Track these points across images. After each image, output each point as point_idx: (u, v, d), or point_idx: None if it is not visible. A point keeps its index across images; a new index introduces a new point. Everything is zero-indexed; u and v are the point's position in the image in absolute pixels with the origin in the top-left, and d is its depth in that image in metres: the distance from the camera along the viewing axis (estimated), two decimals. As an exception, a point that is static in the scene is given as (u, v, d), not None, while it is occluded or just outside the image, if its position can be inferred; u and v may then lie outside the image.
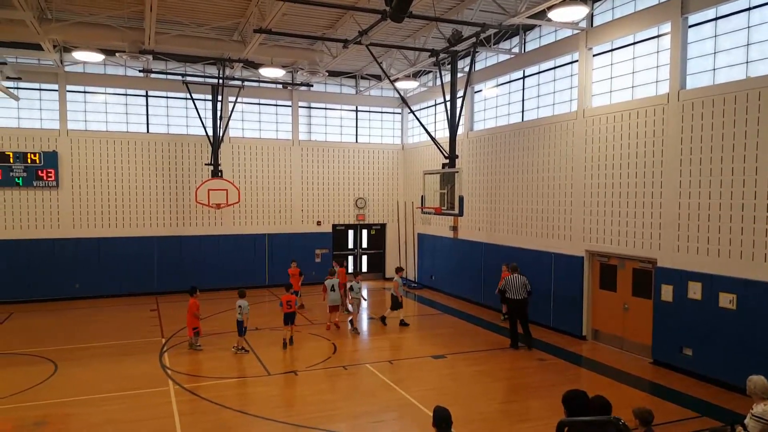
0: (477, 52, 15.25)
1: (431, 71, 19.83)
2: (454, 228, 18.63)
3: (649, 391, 9.97)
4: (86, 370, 10.98)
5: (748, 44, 9.80)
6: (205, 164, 18.82)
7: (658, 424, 5.70)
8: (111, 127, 18.60)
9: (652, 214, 11.43)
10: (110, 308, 16.78)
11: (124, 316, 15.75)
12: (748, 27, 9.77)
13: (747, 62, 9.82)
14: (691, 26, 10.78)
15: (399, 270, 15.59)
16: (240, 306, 12.03)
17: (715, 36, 10.36)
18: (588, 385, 9.56)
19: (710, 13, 10.41)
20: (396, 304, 14.68)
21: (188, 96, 18.32)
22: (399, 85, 17.49)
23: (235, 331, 12.40)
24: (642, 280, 11.87)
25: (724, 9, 10.16)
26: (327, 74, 18.28)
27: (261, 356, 11.91)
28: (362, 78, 21.28)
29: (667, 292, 11.01)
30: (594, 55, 13.07)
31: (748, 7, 9.76)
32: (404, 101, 16.31)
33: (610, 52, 12.70)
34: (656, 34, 11.53)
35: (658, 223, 11.30)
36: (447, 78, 14.49)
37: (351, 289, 14.69)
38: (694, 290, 10.44)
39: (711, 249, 10.24)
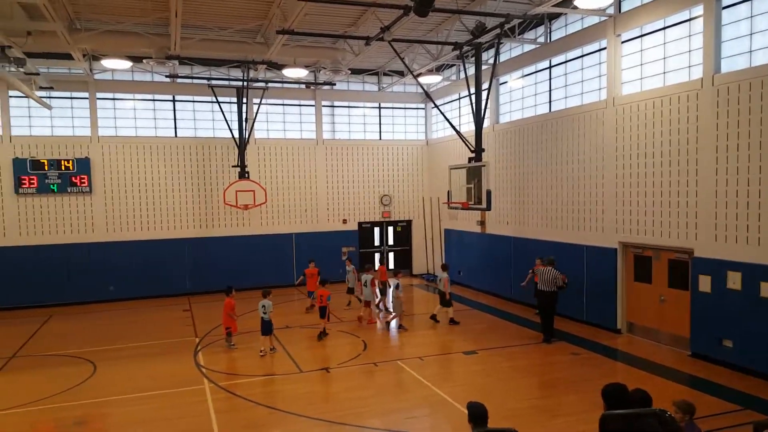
0: (501, 43, 15.00)
1: (455, 64, 19.66)
2: (482, 222, 18.45)
3: (689, 384, 9.72)
4: (124, 370, 11.22)
5: (786, 23, 9.41)
6: (232, 166, 19.08)
7: (699, 417, 5.56)
8: (140, 132, 19.01)
9: (687, 203, 11.10)
10: (144, 309, 17.16)
11: (158, 317, 16.09)
12: (787, 5, 9.38)
13: (786, 42, 9.44)
14: (724, 7, 10.39)
15: (445, 266, 15.10)
16: (264, 306, 11.99)
17: (751, 17, 9.96)
18: (624, 378, 9.35)
19: (745, -7, 10.03)
20: (446, 302, 14.39)
21: (214, 99, 18.55)
22: (422, 79, 17.38)
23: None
24: (678, 271, 11.54)
25: (760, -12, 9.77)
26: (349, 72, 18.29)
27: (292, 354, 12.02)
28: (384, 75, 21.24)
29: (705, 283, 10.68)
30: (623, 42, 12.74)
31: (786, -16, 9.37)
32: (428, 96, 16.20)
33: (639, 38, 12.35)
34: (688, 18, 11.16)
35: (693, 212, 10.96)
36: (471, 71, 14.30)
37: (397, 287, 13.99)
38: (734, 280, 10.11)
39: (750, 237, 9.88)
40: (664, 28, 11.73)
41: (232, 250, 19.51)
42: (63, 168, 17.83)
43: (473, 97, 14.12)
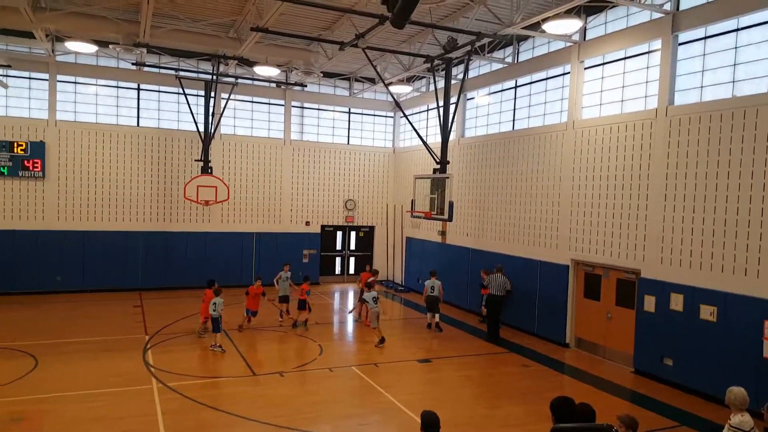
0: (471, 59, 15.39)
1: (425, 77, 19.97)
2: (443, 233, 18.74)
3: (631, 400, 10.15)
4: (67, 365, 10.77)
5: (735, 64, 10.07)
6: (195, 160, 18.67)
7: (640, 432, 5.82)
8: (101, 119, 18.43)
9: (637, 225, 11.65)
10: (93, 303, 16.56)
11: (107, 312, 15.53)
12: (736, 48, 10.04)
13: (733, 81, 10.09)
14: (681, 44, 11.04)
15: (435, 272, 15.25)
16: (215, 303, 11.99)
17: (704, 54, 10.62)
18: (571, 392, 9.60)
19: (700, 32, 10.68)
20: (437, 308, 14.72)
21: (181, 91, 18.14)
22: (393, 89, 17.59)
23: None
24: (625, 290, 12.08)
25: (713, 29, 10.43)
26: (321, 75, 18.32)
27: (246, 356, 11.86)
28: (356, 80, 21.35)
29: (649, 303, 11.23)
30: (585, 68, 13.30)
31: (736, 28, 10.03)
32: (398, 105, 16.41)
33: (601, 66, 12.93)
34: (647, 50, 11.78)
35: (642, 234, 11.52)
36: (440, 84, 14.60)
37: (375, 300, 13.21)
38: (676, 302, 10.66)
39: (693, 262, 10.47)
40: (624, 58, 12.33)
41: (190, 247, 19.10)
42: (15, 150, 17.08)
43: (441, 109, 14.41)
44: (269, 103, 20.69)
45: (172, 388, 9.74)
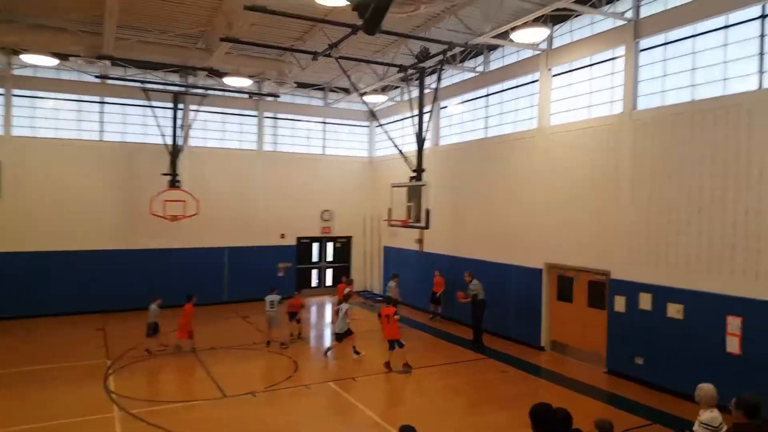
0: (443, 69, 15.56)
1: (399, 86, 20.14)
2: (420, 241, 18.82)
3: (605, 401, 10.28)
4: (21, 396, 10.03)
5: (693, 69, 10.45)
6: (162, 174, 17.57)
7: (613, 433, 5.87)
8: (61, 134, 17.58)
9: (606, 227, 11.90)
10: (51, 328, 15.51)
11: (65, 337, 14.55)
12: (694, 53, 10.44)
13: (693, 86, 10.46)
14: (642, 50, 11.42)
15: (396, 275, 15.65)
16: (151, 309, 12.84)
17: (665, 60, 11.00)
18: (548, 396, 9.67)
19: (660, 39, 11.07)
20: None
21: (147, 103, 17.42)
22: (367, 98, 17.71)
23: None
24: (597, 291, 12.30)
25: (672, 35, 10.82)
26: (295, 85, 18.29)
27: (216, 377, 11.24)
28: (331, 90, 21.37)
29: (620, 303, 11.45)
30: (553, 76, 13.63)
31: (693, 34, 10.43)
32: (372, 115, 16.55)
33: (568, 73, 13.27)
34: (611, 57, 12.14)
35: (611, 236, 11.77)
36: (414, 93, 14.77)
37: (346, 313, 12.97)
38: (645, 301, 10.90)
39: (660, 262, 10.73)
40: (590, 65, 12.68)
41: (157, 265, 18.15)
42: (-32, 168, 16.22)
43: (416, 118, 14.56)
44: (241, 114, 20.40)
45: (136, 416, 9.08)
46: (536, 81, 14.10)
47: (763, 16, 9.41)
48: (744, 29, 9.66)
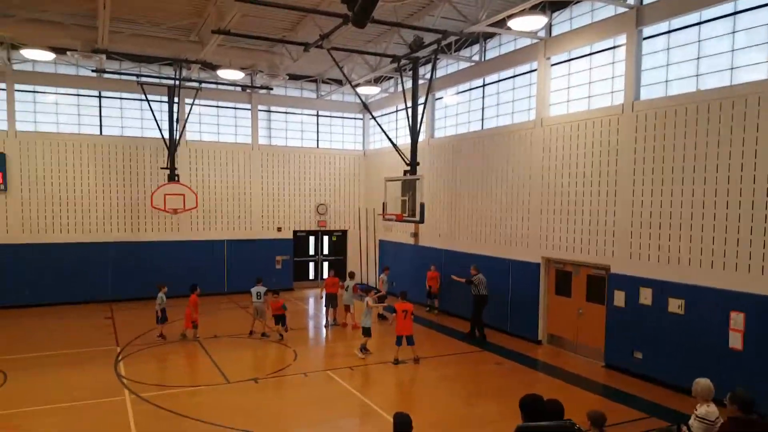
0: (438, 59, 15.34)
1: (393, 77, 19.86)
2: (415, 235, 18.63)
3: (602, 394, 10.17)
4: (37, 380, 10.51)
5: (698, 58, 10.16)
6: (161, 168, 18.23)
7: (609, 425, 5.83)
8: (62, 129, 17.82)
9: (606, 222, 11.70)
10: (62, 316, 16.13)
11: (77, 325, 15.24)
12: (699, 41, 10.13)
13: (697, 75, 10.17)
14: (645, 38, 11.11)
15: (386, 268, 15.56)
16: (158, 297, 13.22)
17: (668, 49, 10.69)
18: (543, 388, 9.69)
19: (663, 26, 10.75)
20: (381, 298, 14.81)
21: (143, 97, 17.70)
22: (360, 90, 17.41)
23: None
24: (596, 286, 12.12)
25: (676, 23, 10.51)
26: (287, 77, 18.04)
27: (220, 364, 11.65)
28: (323, 82, 21.11)
29: (619, 298, 11.28)
30: (552, 65, 13.34)
31: (698, 21, 10.12)
32: (366, 107, 16.26)
33: (567, 62, 12.97)
34: (612, 46, 11.84)
35: (611, 230, 11.57)
36: (408, 84, 14.53)
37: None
38: (645, 296, 10.73)
39: (661, 256, 10.54)
40: (590, 54, 12.38)
41: (159, 256, 18.55)
42: (-27, 163, 16.38)
43: (410, 110, 14.29)
44: (235, 108, 20.28)
45: (145, 399, 9.51)
46: (534, 71, 13.80)
47: (768, 3, 9.13)
48: (753, 16, 9.32)
